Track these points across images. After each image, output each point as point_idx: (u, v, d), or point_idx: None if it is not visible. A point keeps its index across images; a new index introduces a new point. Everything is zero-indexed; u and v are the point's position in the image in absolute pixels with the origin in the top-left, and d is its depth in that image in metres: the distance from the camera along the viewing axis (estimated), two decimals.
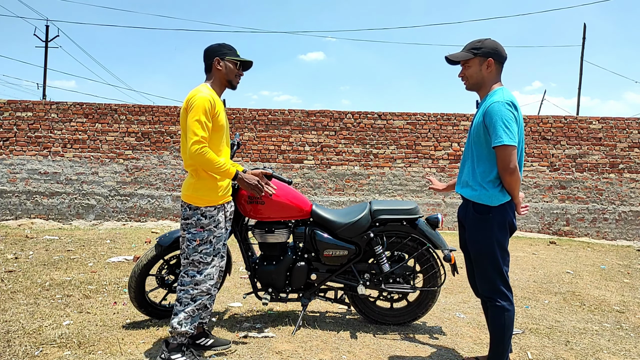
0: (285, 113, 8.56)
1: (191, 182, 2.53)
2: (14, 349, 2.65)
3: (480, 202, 2.36)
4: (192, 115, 2.40)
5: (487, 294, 2.40)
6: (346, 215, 3.22)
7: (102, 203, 8.48)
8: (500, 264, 2.36)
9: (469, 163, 2.45)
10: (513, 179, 2.26)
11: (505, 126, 2.23)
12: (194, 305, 2.52)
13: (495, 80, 2.44)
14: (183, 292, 2.53)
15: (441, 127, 8.56)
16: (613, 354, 2.92)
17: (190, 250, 2.52)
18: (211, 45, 2.65)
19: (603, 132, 8.37)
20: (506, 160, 2.23)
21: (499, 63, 2.44)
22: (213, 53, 2.61)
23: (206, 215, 2.53)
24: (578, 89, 20.29)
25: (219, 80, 2.63)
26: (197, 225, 2.52)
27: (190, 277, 2.53)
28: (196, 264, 2.53)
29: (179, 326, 2.48)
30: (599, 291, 4.47)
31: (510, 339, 2.39)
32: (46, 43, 21.93)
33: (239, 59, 2.65)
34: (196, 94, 2.47)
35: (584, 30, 20.20)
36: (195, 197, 2.51)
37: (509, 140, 2.21)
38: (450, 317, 3.55)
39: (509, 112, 2.25)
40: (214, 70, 2.62)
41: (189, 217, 2.53)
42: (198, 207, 2.52)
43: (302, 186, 8.49)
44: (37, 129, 8.47)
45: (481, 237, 2.38)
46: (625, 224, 8.28)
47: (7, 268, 4.55)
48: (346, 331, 3.15)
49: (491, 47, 2.42)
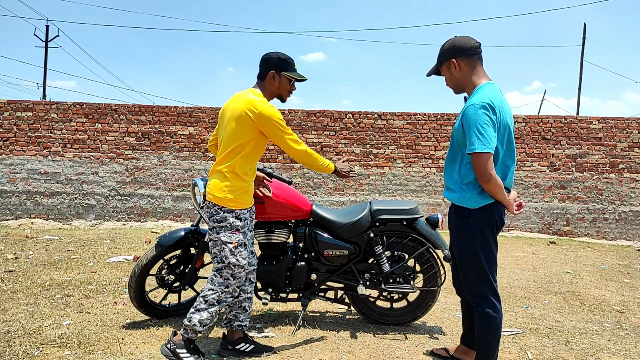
0: (285, 113, 8.56)
1: (225, 184, 2.48)
2: (14, 349, 2.65)
3: (460, 205, 2.29)
4: (280, 128, 2.48)
5: (472, 298, 2.34)
6: (346, 215, 3.22)
7: (102, 203, 8.48)
8: (485, 268, 2.26)
9: (451, 165, 2.39)
10: (490, 186, 2.17)
11: (479, 132, 2.12)
12: (218, 307, 2.52)
13: (474, 76, 2.32)
14: (212, 291, 2.50)
15: (441, 127, 8.56)
16: (613, 354, 2.92)
17: (227, 253, 2.49)
18: (270, 55, 2.60)
19: (603, 132, 8.37)
20: (480, 167, 2.14)
21: (468, 56, 2.31)
22: (271, 65, 2.57)
23: (241, 217, 2.52)
24: (578, 89, 20.30)
25: (269, 91, 2.62)
26: (233, 227, 2.50)
27: (224, 279, 2.51)
28: (232, 267, 2.51)
29: (199, 324, 2.47)
30: (599, 291, 4.47)
31: (497, 345, 2.31)
32: (46, 43, 21.94)
33: (295, 76, 2.63)
34: (264, 104, 2.47)
35: (584, 30, 20.20)
36: (230, 200, 2.48)
37: (482, 147, 2.10)
38: (450, 317, 3.55)
39: (483, 115, 2.13)
40: (267, 81, 2.59)
41: (223, 219, 2.49)
42: (232, 209, 2.49)
43: (302, 186, 8.50)
44: (37, 129, 8.47)
45: (463, 240, 2.31)
46: (625, 224, 8.28)
47: (7, 268, 4.55)
48: (346, 331, 3.15)
49: (449, 48, 2.34)
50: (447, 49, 2.36)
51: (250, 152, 2.51)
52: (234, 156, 2.49)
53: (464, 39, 2.34)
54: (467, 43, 2.32)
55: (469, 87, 2.35)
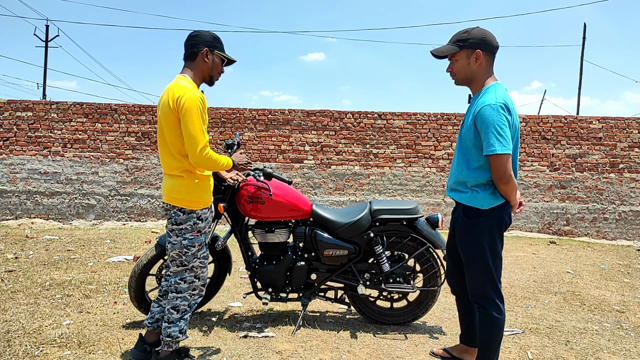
0: (286, 113, 8.56)
1: (182, 184, 2.34)
2: (14, 349, 2.65)
3: (471, 205, 2.25)
4: (190, 120, 2.22)
5: (476, 299, 2.33)
6: (346, 215, 3.22)
7: (102, 203, 8.48)
8: (491, 269, 2.25)
9: (460, 165, 2.32)
10: (509, 187, 2.15)
11: (498, 133, 2.08)
12: (190, 311, 2.47)
13: (487, 74, 2.26)
14: (181, 299, 2.41)
15: (441, 126, 8.56)
16: (613, 354, 2.92)
17: (190, 257, 2.39)
18: (202, 32, 2.41)
19: (603, 131, 8.37)
20: (500, 169, 2.11)
21: (490, 54, 2.24)
22: (203, 42, 2.38)
23: (202, 218, 2.40)
24: (578, 89, 20.27)
25: (200, 73, 2.42)
26: (194, 229, 2.37)
27: (188, 283, 2.43)
28: (194, 270, 2.43)
29: (180, 335, 2.41)
30: (599, 291, 4.47)
31: (499, 346, 2.31)
32: (46, 43, 21.93)
33: (227, 55, 2.48)
34: (185, 92, 2.26)
35: (584, 29, 20.18)
36: (189, 200, 2.34)
37: (502, 148, 2.08)
38: (450, 316, 3.55)
39: (502, 116, 2.09)
40: (198, 61, 2.39)
41: (183, 221, 2.35)
42: (193, 210, 2.36)
43: (302, 186, 8.50)
44: (37, 128, 8.47)
45: (471, 241, 2.28)
46: (625, 224, 8.28)
47: (7, 268, 4.55)
48: (346, 331, 3.15)
49: (479, 37, 2.21)
50: (478, 38, 2.21)
51: None
52: (180, 156, 2.32)
53: (492, 35, 2.25)
54: (494, 40, 2.25)
55: (477, 83, 2.28)
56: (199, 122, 2.26)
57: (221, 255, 3.32)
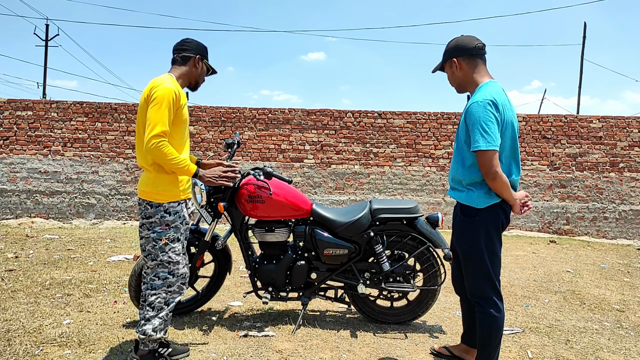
0: (286, 112, 8.56)
1: (149, 177, 2.39)
2: (15, 348, 2.65)
3: (467, 204, 2.28)
4: (155, 107, 2.26)
5: (475, 299, 2.33)
6: (346, 214, 3.22)
7: (103, 202, 8.48)
8: (489, 268, 2.26)
9: (456, 163, 2.37)
10: (496, 183, 2.16)
11: (483, 129, 2.12)
12: (167, 309, 2.44)
13: (477, 75, 2.32)
14: (155, 296, 2.40)
15: (441, 126, 8.55)
16: (613, 353, 2.92)
17: (158, 251, 2.39)
18: (195, 40, 2.58)
19: (603, 131, 8.36)
20: (486, 165, 2.14)
21: (469, 57, 2.31)
22: (196, 50, 2.55)
23: (170, 211, 2.40)
24: (578, 88, 20.23)
25: (188, 77, 2.55)
26: (162, 223, 2.39)
27: (162, 279, 2.42)
28: (166, 265, 2.41)
29: (154, 333, 2.39)
30: (599, 290, 4.47)
31: (498, 346, 2.31)
32: (46, 42, 21.93)
33: (212, 66, 2.66)
34: (160, 84, 2.32)
35: (584, 29, 20.16)
36: (156, 193, 2.37)
37: (487, 145, 2.11)
38: (450, 316, 3.55)
39: (488, 113, 2.13)
40: (189, 65, 2.53)
41: (151, 215, 2.38)
42: (160, 203, 2.38)
43: (302, 185, 8.49)
44: (37, 128, 8.47)
45: (468, 240, 2.29)
46: (625, 223, 8.28)
47: (8, 267, 4.56)
48: (346, 330, 3.15)
49: (452, 47, 2.35)
50: (450, 48, 2.37)
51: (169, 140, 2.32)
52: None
53: (467, 39, 2.34)
54: (470, 43, 2.32)
55: (471, 86, 2.35)
56: (164, 112, 2.27)
57: (221, 254, 3.33)
